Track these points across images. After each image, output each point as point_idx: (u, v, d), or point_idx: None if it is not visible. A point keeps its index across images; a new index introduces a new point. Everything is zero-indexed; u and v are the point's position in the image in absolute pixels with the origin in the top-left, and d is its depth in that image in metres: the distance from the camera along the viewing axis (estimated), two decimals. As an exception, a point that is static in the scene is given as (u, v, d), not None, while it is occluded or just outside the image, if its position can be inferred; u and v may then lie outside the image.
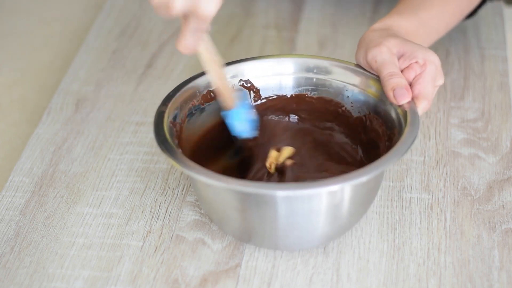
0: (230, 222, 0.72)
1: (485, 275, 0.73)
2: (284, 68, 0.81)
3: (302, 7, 1.12)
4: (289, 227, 0.70)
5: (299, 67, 0.81)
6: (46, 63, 1.10)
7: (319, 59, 0.80)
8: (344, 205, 0.70)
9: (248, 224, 0.71)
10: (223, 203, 0.70)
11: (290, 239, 0.71)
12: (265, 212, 0.69)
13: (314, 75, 0.80)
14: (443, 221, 0.78)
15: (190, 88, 0.77)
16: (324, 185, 0.66)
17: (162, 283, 0.72)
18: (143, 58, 1.03)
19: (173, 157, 0.68)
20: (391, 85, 0.74)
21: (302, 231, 0.71)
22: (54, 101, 0.95)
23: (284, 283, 0.72)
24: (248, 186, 0.66)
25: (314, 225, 0.70)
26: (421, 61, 0.75)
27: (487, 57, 1.00)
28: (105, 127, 0.91)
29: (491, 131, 0.89)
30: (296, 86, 0.81)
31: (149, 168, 0.85)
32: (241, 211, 0.70)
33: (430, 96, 0.74)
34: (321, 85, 0.80)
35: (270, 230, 0.70)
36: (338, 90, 0.80)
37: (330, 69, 0.80)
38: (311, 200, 0.68)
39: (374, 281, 0.72)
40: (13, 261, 0.75)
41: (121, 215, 0.79)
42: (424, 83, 0.74)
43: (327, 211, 0.69)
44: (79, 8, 1.22)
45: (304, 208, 0.69)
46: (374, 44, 0.76)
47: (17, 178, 0.84)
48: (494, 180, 0.83)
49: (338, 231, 0.73)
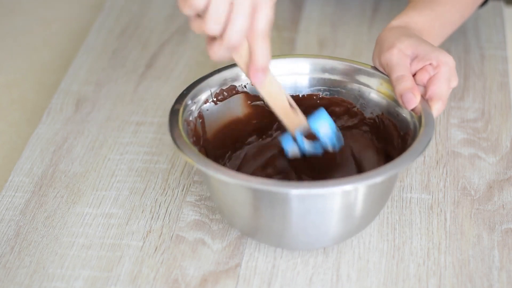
0: (242, 218, 0.72)
1: (485, 275, 0.73)
2: (299, 68, 0.81)
3: (302, 7, 1.12)
4: (301, 226, 0.70)
5: (313, 67, 0.81)
6: (46, 63, 1.10)
7: (335, 61, 0.80)
8: (358, 206, 0.70)
9: (262, 222, 0.71)
10: (236, 199, 0.70)
11: (301, 238, 0.71)
12: (277, 210, 0.68)
13: (329, 76, 0.80)
14: (443, 221, 0.78)
15: (204, 86, 0.77)
16: (338, 185, 0.66)
17: (162, 283, 0.72)
18: (143, 58, 1.03)
19: (186, 153, 0.68)
20: (399, 91, 0.74)
21: (314, 230, 0.70)
22: (54, 101, 0.95)
23: (284, 283, 0.72)
24: (262, 184, 0.66)
25: (326, 225, 0.70)
26: (435, 62, 0.74)
27: (487, 57, 1.00)
28: (105, 127, 0.91)
29: (491, 131, 0.89)
30: (310, 86, 0.81)
31: (149, 168, 0.85)
32: (254, 208, 0.70)
33: (444, 97, 0.74)
34: (334, 85, 0.81)
35: (281, 228, 0.70)
36: (351, 91, 0.80)
37: (342, 70, 0.80)
38: (325, 199, 0.68)
39: (374, 281, 0.72)
40: (13, 261, 0.75)
41: (121, 215, 0.79)
42: (439, 84, 0.73)
43: (340, 211, 0.69)
44: (79, 8, 1.22)
45: (317, 207, 0.68)
46: (387, 47, 0.76)
47: (17, 178, 0.84)
48: (494, 180, 0.83)
49: (350, 232, 0.73)
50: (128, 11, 1.13)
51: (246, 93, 0.79)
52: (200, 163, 0.68)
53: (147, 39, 1.07)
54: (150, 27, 1.09)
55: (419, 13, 0.82)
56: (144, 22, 1.10)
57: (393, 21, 0.81)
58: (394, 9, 1.09)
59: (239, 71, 0.78)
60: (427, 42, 0.77)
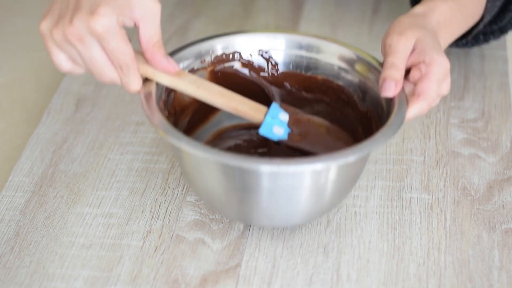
0: (211, 193, 0.72)
1: (485, 275, 0.73)
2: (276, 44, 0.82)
3: (302, 7, 1.12)
4: (271, 202, 0.70)
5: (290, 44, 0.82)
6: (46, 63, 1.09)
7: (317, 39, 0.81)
8: (328, 185, 0.70)
9: (232, 199, 0.71)
10: (205, 174, 0.71)
11: (271, 215, 0.72)
12: (248, 186, 0.69)
13: (308, 54, 0.81)
14: (443, 221, 0.78)
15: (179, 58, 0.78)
16: (309, 163, 0.66)
17: (162, 283, 0.72)
18: (143, 58, 1.03)
19: (157, 125, 0.69)
20: (385, 75, 0.73)
21: (283, 207, 0.71)
22: (54, 101, 0.95)
23: (284, 283, 0.72)
24: (232, 158, 0.66)
25: (296, 202, 0.71)
26: (428, 60, 0.72)
27: (487, 57, 1.00)
28: (105, 127, 0.91)
29: (491, 131, 0.89)
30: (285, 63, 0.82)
31: (149, 168, 0.85)
32: (225, 184, 0.70)
33: (430, 98, 0.72)
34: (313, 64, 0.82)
35: (252, 205, 0.71)
36: (329, 67, 0.81)
37: (323, 48, 0.81)
38: (294, 177, 0.68)
39: (374, 281, 0.72)
40: (13, 261, 0.75)
41: (121, 215, 0.79)
42: (428, 83, 0.71)
43: (310, 189, 0.69)
44: (79, 8, 1.22)
45: (288, 184, 0.69)
46: (398, 31, 0.74)
47: (17, 178, 0.84)
48: (494, 180, 0.83)
49: (320, 211, 0.73)
50: (128, 11, 1.13)
51: (212, 71, 0.80)
52: (171, 135, 0.68)
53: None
54: (150, 27, 1.09)
55: (443, 1, 0.80)
56: (144, 22, 1.10)
57: (418, 7, 0.79)
58: (394, 9, 1.09)
59: (213, 44, 0.80)
60: (434, 39, 0.75)
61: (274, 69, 0.82)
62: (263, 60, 0.82)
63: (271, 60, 0.82)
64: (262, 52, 0.81)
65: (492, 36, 0.94)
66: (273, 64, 0.82)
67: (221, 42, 0.80)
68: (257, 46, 0.81)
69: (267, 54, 0.81)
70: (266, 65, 0.82)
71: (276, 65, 0.82)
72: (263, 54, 0.81)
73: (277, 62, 0.82)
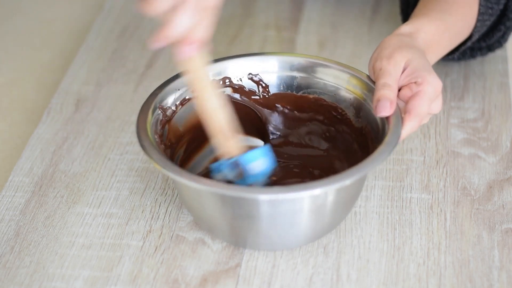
0: (211, 222, 0.73)
1: (485, 275, 0.73)
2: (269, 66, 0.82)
3: (302, 7, 1.12)
4: (271, 228, 0.71)
5: (282, 66, 0.81)
6: (46, 63, 1.10)
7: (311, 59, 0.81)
8: (327, 207, 0.71)
9: (230, 225, 0.72)
10: (205, 205, 0.71)
11: (272, 239, 0.72)
12: (245, 214, 0.69)
13: (300, 74, 0.81)
14: (443, 221, 0.78)
15: (171, 89, 0.79)
16: (307, 189, 0.67)
17: (162, 283, 0.72)
18: (143, 58, 1.03)
19: (154, 158, 0.69)
20: (378, 95, 0.73)
21: (284, 231, 0.71)
22: (54, 101, 0.95)
23: (284, 283, 0.72)
24: (229, 189, 0.67)
25: (296, 226, 0.71)
26: (420, 80, 0.72)
27: (487, 57, 1.00)
28: (105, 127, 0.91)
29: (491, 131, 0.89)
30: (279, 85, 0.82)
31: (149, 168, 0.85)
32: (222, 212, 0.71)
33: (421, 116, 0.72)
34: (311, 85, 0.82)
35: (249, 230, 0.71)
36: (321, 86, 0.81)
37: (317, 69, 0.81)
38: (294, 203, 0.69)
39: (374, 281, 0.72)
40: (13, 261, 0.75)
41: (121, 215, 0.79)
42: (420, 101, 0.71)
43: (309, 213, 0.70)
44: (79, 8, 1.22)
45: (287, 210, 0.69)
46: (387, 55, 0.75)
47: (17, 178, 0.84)
48: (494, 180, 0.83)
49: (321, 232, 0.74)
50: (128, 11, 1.13)
51: None
52: (167, 168, 0.68)
53: (147, 39, 1.07)
54: (150, 27, 1.09)
55: (430, 21, 0.80)
56: (144, 22, 1.10)
57: (404, 26, 0.79)
58: (394, 10, 1.09)
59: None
60: (424, 59, 0.75)
61: (265, 91, 0.82)
62: (253, 83, 0.82)
63: (261, 83, 0.82)
64: (252, 76, 0.81)
65: (479, 53, 0.95)
66: (264, 86, 0.82)
67: (211, 69, 0.80)
68: (246, 70, 0.81)
69: (257, 77, 0.81)
70: (256, 88, 0.82)
71: (266, 87, 0.82)
72: (253, 77, 0.81)
73: (267, 84, 0.82)
